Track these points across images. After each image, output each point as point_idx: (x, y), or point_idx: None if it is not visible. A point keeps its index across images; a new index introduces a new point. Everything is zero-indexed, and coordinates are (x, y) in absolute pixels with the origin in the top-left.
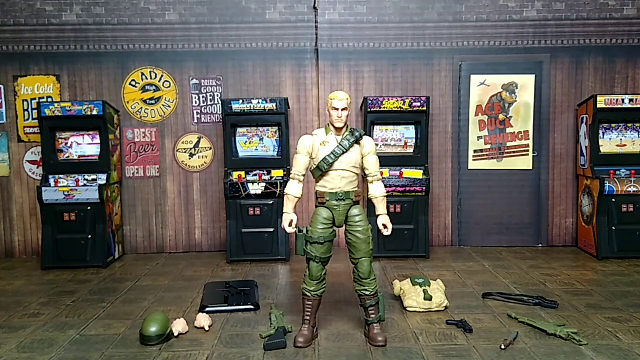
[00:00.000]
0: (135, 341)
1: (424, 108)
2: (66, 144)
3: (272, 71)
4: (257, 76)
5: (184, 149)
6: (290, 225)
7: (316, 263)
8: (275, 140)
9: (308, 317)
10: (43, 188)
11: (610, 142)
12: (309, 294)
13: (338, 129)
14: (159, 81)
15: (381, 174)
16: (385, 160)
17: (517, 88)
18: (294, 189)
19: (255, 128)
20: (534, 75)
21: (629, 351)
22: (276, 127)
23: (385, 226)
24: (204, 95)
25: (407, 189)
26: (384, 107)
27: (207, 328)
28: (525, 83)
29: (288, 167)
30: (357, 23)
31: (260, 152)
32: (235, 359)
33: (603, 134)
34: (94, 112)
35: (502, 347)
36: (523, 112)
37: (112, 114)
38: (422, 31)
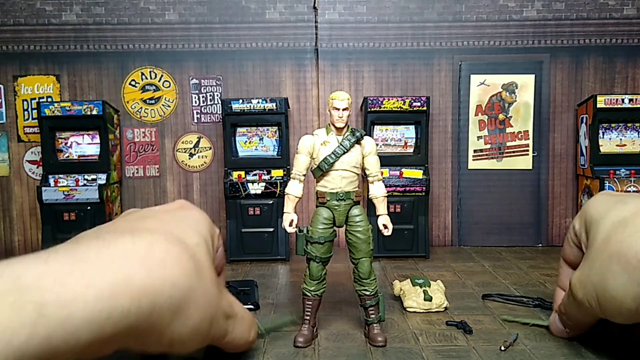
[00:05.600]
0: None
1: (424, 108)
2: (66, 144)
3: (272, 71)
4: (257, 76)
5: (184, 149)
6: (290, 225)
7: (316, 263)
8: (275, 140)
9: (308, 317)
10: (43, 188)
11: (610, 142)
12: (309, 294)
13: (339, 129)
14: (159, 81)
15: (382, 174)
16: (386, 160)
17: (517, 88)
18: (294, 189)
19: (255, 128)
20: (534, 75)
21: (629, 351)
22: (276, 127)
23: (385, 226)
24: (204, 95)
25: (407, 189)
26: (384, 107)
27: None
28: (525, 83)
29: (288, 167)
30: (357, 23)
31: (260, 152)
32: (235, 359)
33: (603, 134)
34: (94, 112)
35: (502, 348)
36: (523, 112)
37: (112, 114)
38: (422, 31)
